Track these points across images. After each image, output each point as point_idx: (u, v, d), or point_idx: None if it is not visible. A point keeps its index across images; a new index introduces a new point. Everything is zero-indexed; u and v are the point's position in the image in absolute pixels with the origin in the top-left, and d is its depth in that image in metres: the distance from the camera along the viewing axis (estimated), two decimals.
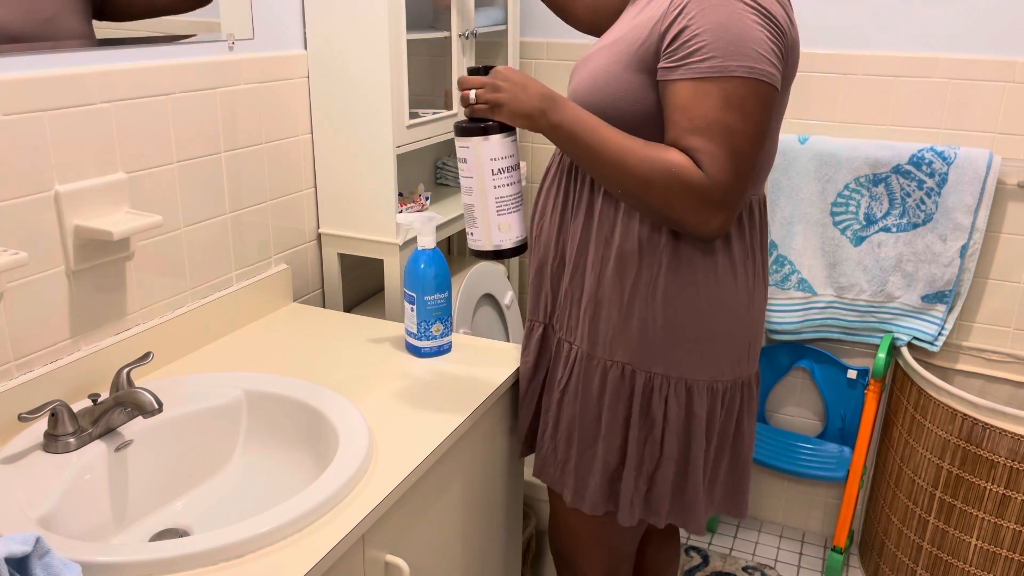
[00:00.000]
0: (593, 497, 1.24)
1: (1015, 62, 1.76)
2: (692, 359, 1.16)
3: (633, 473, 1.21)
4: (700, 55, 1.01)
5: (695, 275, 1.13)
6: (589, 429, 1.22)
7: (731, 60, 1.00)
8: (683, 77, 1.02)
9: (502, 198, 1.15)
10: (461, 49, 1.76)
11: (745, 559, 2.17)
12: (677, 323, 1.15)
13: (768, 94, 1.03)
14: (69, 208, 1.16)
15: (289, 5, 1.54)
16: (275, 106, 1.53)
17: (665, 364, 1.16)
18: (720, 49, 1.00)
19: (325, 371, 1.34)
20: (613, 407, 1.19)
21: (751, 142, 1.03)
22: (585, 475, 1.24)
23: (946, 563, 1.80)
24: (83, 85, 1.16)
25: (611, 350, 1.18)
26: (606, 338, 1.18)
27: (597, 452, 1.22)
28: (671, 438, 1.19)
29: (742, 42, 1.00)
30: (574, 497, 1.26)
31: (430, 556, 1.20)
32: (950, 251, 1.85)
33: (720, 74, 1.00)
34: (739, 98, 1.01)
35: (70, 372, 1.19)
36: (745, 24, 1.00)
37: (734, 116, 1.01)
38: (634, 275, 1.15)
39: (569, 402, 1.24)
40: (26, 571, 0.74)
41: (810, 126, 1.95)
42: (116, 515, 1.09)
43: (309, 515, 0.95)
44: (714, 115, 1.01)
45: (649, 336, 1.16)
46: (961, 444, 1.72)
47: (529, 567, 1.82)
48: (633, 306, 1.15)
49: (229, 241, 1.48)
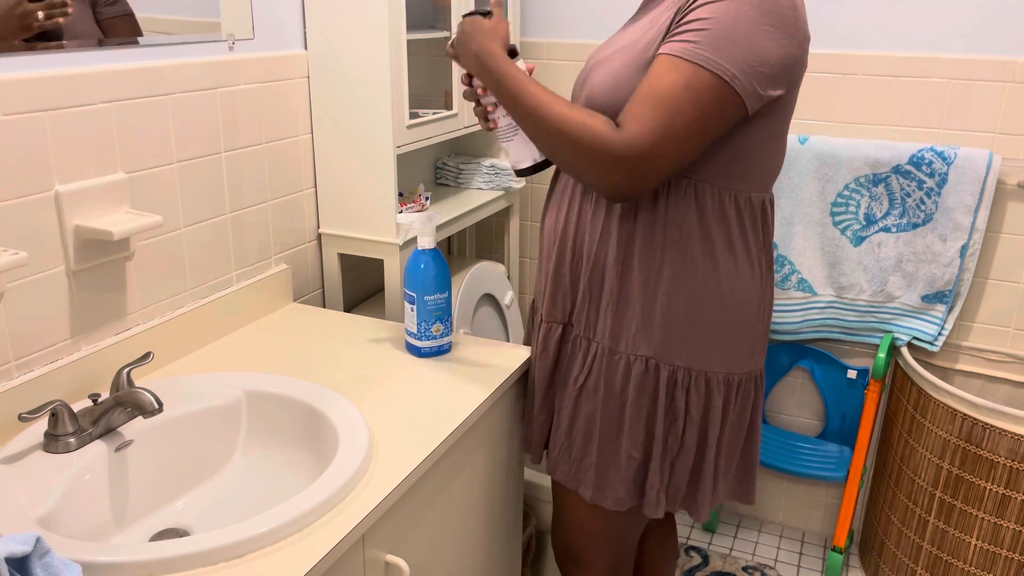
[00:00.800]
0: (616, 492, 1.25)
1: (1015, 62, 1.76)
2: (712, 351, 1.19)
3: (658, 465, 1.22)
4: (695, 39, 1.03)
5: (716, 269, 1.16)
6: (611, 424, 1.23)
7: (719, 58, 1.01)
8: (669, 52, 1.04)
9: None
10: None
11: (745, 559, 2.17)
12: (699, 316, 1.17)
13: (730, 102, 1.04)
14: (69, 208, 1.16)
15: (289, 5, 1.54)
16: (275, 106, 1.53)
17: (687, 357, 1.18)
18: (716, 44, 1.01)
19: (325, 371, 1.34)
20: (637, 401, 1.21)
21: (689, 128, 1.04)
22: (606, 470, 1.25)
23: (946, 563, 1.80)
24: (83, 85, 1.16)
25: (634, 345, 1.19)
26: (629, 333, 1.20)
27: (620, 447, 1.23)
28: (691, 430, 1.21)
29: (741, 49, 1.01)
30: (595, 493, 1.27)
31: (430, 556, 1.20)
32: (950, 251, 1.85)
33: (701, 63, 1.02)
34: (702, 87, 1.02)
35: (70, 372, 1.19)
36: (755, 34, 1.01)
37: (687, 98, 1.02)
38: (657, 270, 1.16)
39: (588, 399, 1.25)
40: (26, 571, 0.74)
41: (810, 126, 1.95)
42: (116, 515, 1.09)
43: (309, 515, 0.95)
44: (669, 90, 1.03)
45: (672, 329, 1.17)
46: (961, 444, 1.72)
47: (529, 567, 1.82)
48: (655, 300, 1.17)
49: (229, 241, 1.48)
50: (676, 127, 1.03)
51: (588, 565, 1.38)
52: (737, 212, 1.15)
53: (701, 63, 1.02)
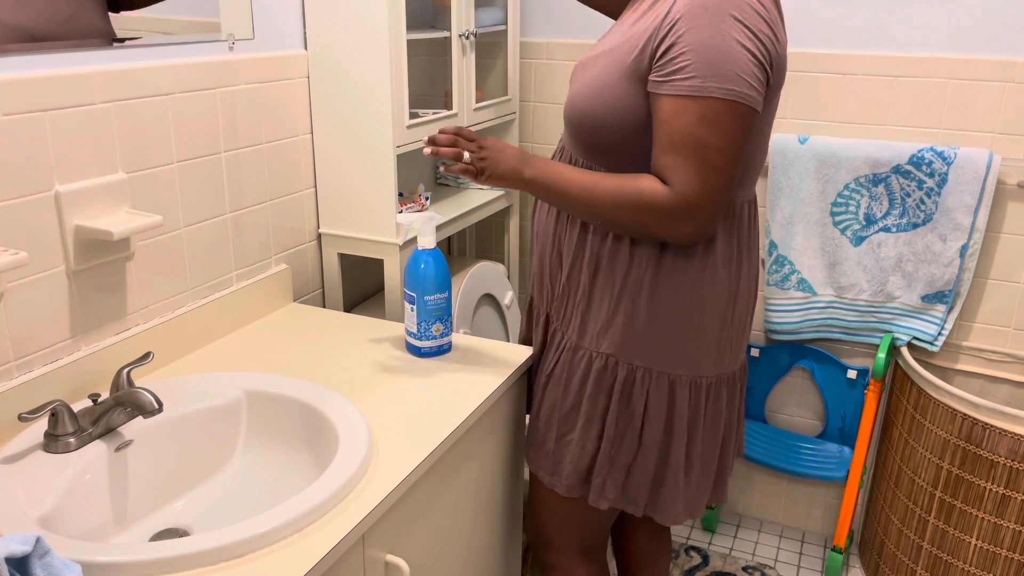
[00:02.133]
0: (568, 480, 1.30)
1: (1015, 62, 1.76)
2: (674, 354, 1.21)
3: (607, 460, 1.26)
4: (683, 73, 1.06)
5: (679, 275, 1.19)
6: (569, 415, 1.28)
7: (710, 80, 1.05)
8: (667, 93, 1.08)
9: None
10: (461, 49, 1.76)
11: (745, 559, 2.17)
12: (659, 319, 1.20)
13: (745, 114, 1.07)
14: (69, 208, 1.16)
15: (289, 5, 1.54)
16: (275, 106, 1.53)
17: (647, 357, 1.22)
18: (701, 69, 1.05)
19: (325, 371, 1.34)
20: (594, 396, 1.25)
21: (723, 156, 1.08)
22: (562, 458, 1.31)
23: (946, 563, 1.80)
24: (83, 85, 1.16)
25: (598, 342, 1.24)
26: (594, 331, 1.25)
27: (575, 438, 1.28)
28: (652, 430, 1.24)
29: (723, 63, 1.04)
30: (551, 478, 1.33)
31: (430, 556, 1.20)
32: (950, 251, 1.85)
33: (699, 93, 1.05)
34: (715, 115, 1.06)
35: (70, 372, 1.19)
36: (728, 44, 1.04)
37: (708, 132, 1.06)
38: (624, 273, 1.20)
39: (552, 387, 1.31)
40: (26, 571, 0.74)
41: (810, 126, 1.95)
42: (116, 515, 1.09)
43: (309, 515, 0.95)
44: (688, 131, 1.07)
45: (633, 330, 1.21)
46: (961, 444, 1.73)
47: (529, 567, 1.82)
48: (620, 302, 1.21)
49: (229, 241, 1.48)
50: (713, 162, 1.07)
51: (558, 548, 1.42)
52: None
53: (704, 95, 1.05)
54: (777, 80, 1.13)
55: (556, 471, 1.31)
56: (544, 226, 1.32)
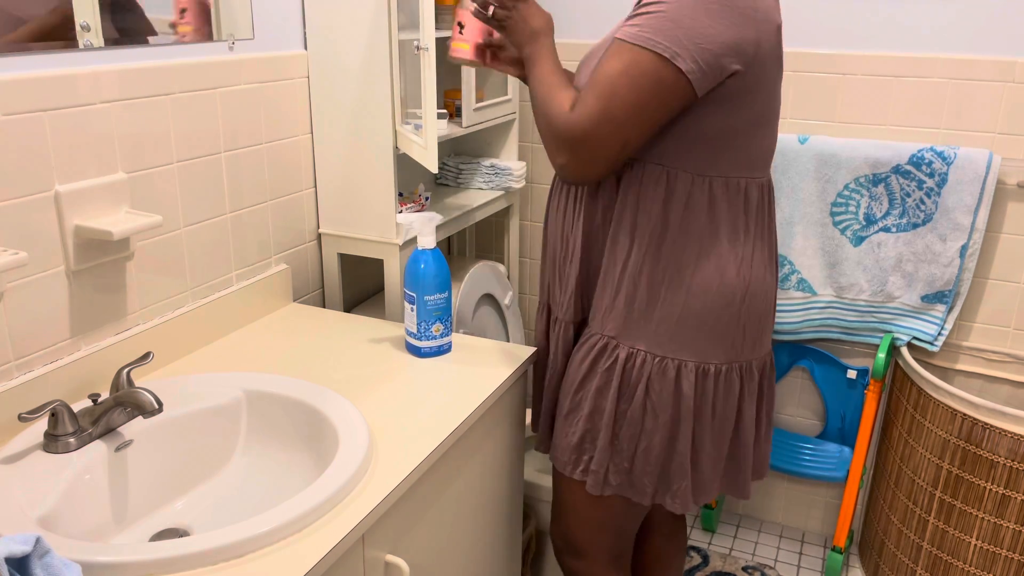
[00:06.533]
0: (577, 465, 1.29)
1: (1015, 62, 1.76)
2: (678, 339, 1.20)
3: (607, 443, 1.24)
4: (640, 23, 1.08)
5: (679, 258, 1.18)
6: (575, 396, 1.27)
7: (660, 38, 1.06)
8: (618, 36, 1.10)
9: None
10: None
11: (745, 559, 2.17)
12: (659, 303, 1.20)
13: (671, 82, 1.07)
14: (69, 208, 1.16)
15: (289, 5, 1.54)
16: (275, 106, 1.53)
17: (648, 341, 1.21)
18: (659, 26, 1.06)
19: (325, 371, 1.34)
20: (592, 375, 1.25)
21: (626, 112, 1.09)
22: (561, 440, 1.30)
23: (946, 563, 1.80)
24: (83, 85, 1.16)
25: (603, 324, 1.24)
26: (597, 313, 1.25)
27: (578, 418, 1.27)
28: (653, 415, 1.22)
29: (683, 30, 1.05)
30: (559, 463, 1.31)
31: (430, 556, 1.20)
32: (950, 251, 1.85)
33: (642, 44, 1.07)
34: (640, 72, 1.07)
35: (70, 372, 1.19)
36: (701, 16, 1.05)
37: (623, 81, 1.08)
38: (625, 255, 1.20)
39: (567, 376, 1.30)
40: (26, 571, 0.74)
41: (810, 126, 1.95)
42: (116, 515, 1.09)
43: (309, 515, 0.95)
44: (611, 74, 1.09)
45: (633, 313, 1.21)
46: (961, 444, 1.73)
47: (529, 567, 1.82)
48: (622, 284, 1.21)
49: (229, 241, 1.48)
50: (613, 111, 1.09)
51: (588, 556, 1.38)
52: (710, 200, 1.16)
53: (641, 44, 1.06)
54: (766, 57, 1.11)
55: (563, 457, 1.30)
56: (553, 230, 1.32)
